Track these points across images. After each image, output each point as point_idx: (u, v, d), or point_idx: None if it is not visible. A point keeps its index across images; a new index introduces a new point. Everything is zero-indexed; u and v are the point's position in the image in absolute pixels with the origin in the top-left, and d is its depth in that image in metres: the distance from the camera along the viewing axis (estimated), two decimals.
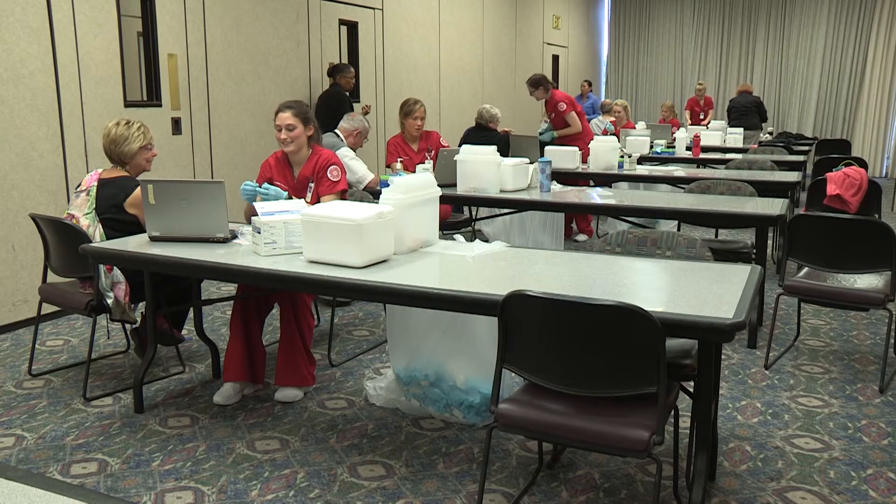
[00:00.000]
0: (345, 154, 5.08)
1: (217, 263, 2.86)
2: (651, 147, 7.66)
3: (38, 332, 4.15)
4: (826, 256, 3.66)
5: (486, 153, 4.88)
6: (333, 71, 6.82)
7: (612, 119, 9.40)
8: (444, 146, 5.64)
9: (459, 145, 6.33)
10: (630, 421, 2.09)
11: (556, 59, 12.76)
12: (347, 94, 6.80)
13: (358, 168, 5.08)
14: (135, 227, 3.50)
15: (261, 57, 6.22)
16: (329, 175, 3.67)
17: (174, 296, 3.62)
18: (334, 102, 6.57)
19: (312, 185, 3.72)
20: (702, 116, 11.16)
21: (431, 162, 5.52)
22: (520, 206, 5.03)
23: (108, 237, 3.44)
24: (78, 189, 3.57)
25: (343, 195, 3.74)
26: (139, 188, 3.45)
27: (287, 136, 3.60)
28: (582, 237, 7.15)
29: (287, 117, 3.60)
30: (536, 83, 7.08)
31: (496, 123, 6.65)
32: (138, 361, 3.85)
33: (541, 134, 7.35)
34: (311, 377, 3.47)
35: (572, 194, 4.89)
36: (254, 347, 3.46)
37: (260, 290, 3.45)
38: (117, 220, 3.50)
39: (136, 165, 3.61)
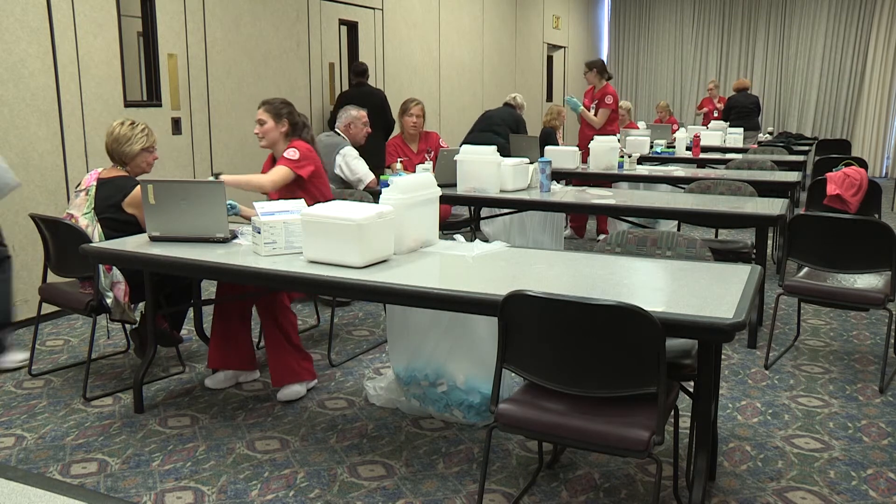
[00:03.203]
0: (348, 153, 5.11)
1: (217, 263, 2.86)
2: (651, 147, 7.66)
3: (38, 332, 4.15)
4: (826, 256, 3.66)
5: (486, 153, 4.88)
6: (361, 71, 6.90)
7: None
8: (443, 147, 5.64)
9: (481, 118, 6.72)
10: (630, 421, 2.09)
11: (555, 59, 12.76)
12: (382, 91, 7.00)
13: (359, 168, 5.09)
14: (133, 226, 3.50)
15: (261, 57, 6.22)
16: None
17: (174, 296, 3.62)
18: (377, 101, 6.71)
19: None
20: (715, 114, 10.93)
21: (431, 163, 5.52)
22: (520, 206, 5.02)
23: (107, 237, 3.44)
24: (78, 188, 3.57)
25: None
26: (138, 188, 3.45)
27: (259, 131, 3.83)
28: (602, 237, 7.18)
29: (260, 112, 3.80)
30: (594, 66, 7.30)
31: (520, 109, 7.05)
32: (138, 361, 3.85)
33: (569, 98, 7.59)
34: (306, 371, 3.46)
35: (572, 194, 4.89)
36: (236, 336, 3.53)
37: (236, 291, 3.51)
38: (115, 219, 3.50)
39: (135, 166, 3.61)
